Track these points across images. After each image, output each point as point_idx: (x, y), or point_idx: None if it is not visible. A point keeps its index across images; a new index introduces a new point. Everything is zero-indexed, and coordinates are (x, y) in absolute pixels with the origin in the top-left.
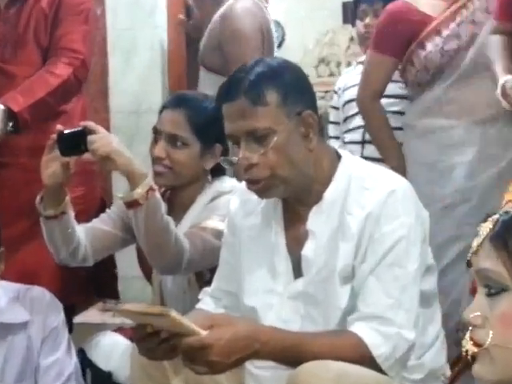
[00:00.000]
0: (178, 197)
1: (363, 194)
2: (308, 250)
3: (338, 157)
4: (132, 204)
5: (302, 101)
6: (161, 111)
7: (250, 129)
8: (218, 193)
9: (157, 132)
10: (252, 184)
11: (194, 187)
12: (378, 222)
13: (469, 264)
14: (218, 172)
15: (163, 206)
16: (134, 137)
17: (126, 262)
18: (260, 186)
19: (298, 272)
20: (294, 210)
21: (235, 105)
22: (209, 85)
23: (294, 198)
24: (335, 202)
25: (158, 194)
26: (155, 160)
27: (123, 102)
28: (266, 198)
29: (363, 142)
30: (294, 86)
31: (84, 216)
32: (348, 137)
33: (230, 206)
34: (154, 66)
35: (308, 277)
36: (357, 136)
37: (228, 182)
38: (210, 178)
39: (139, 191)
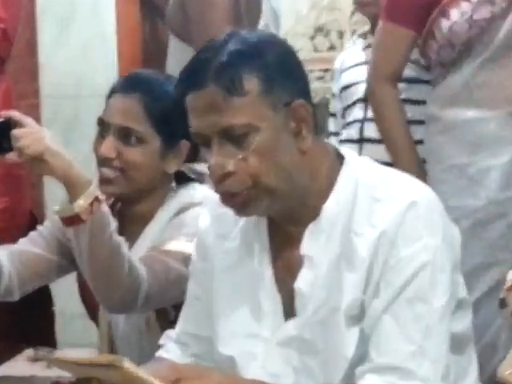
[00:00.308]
0: (133, 210)
1: (374, 207)
2: (303, 282)
3: (340, 158)
4: (72, 220)
5: (292, 87)
6: (108, 97)
7: (224, 126)
8: (185, 204)
9: (103, 125)
10: (228, 198)
11: (154, 197)
12: (394, 245)
13: (502, 303)
14: (184, 177)
15: (113, 223)
16: (72, 130)
17: (64, 296)
18: (239, 201)
19: (289, 311)
20: (284, 230)
21: (203, 95)
22: (179, 56)
23: (283, 215)
24: (337, 218)
25: (105, 207)
26: (102, 161)
27: (57, 84)
28: (247, 215)
29: (361, 141)
30: (281, 67)
31: (8, 235)
32: (344, 133)
33: (199, 221)
34: (98, 37)
35: (303, 317)
36: (353, 132)
37: (198, 190)
38: (174, 184)
39: (81, 203)
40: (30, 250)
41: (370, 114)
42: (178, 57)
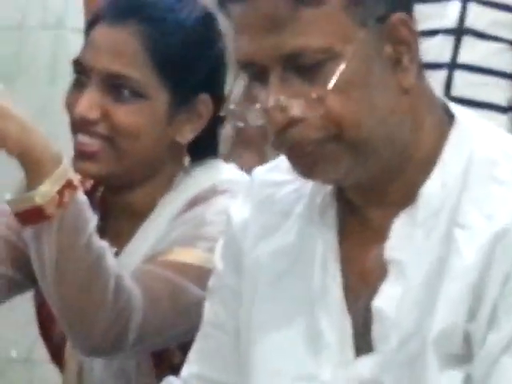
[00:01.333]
0: (123, 199)
1: (493, 190)
2: (386, 300)
3: (449, 116)
4: (31, 215)
5: None
6: (89, 29)
7: (291, 50)
8: (204, 191)
9: (82, 70)
10: (296, 152)
11: (156, 180)
12: None
13: None
14: (203, 151)
15: (93, 221)
16: (13, 77)
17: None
18: (310, 153)
19: (361, 343)
20: (361, 218)
21: (259, 2)
22: None
23: (364, 190)
24: (442, 206)
25: (82, 196)
26: (79, 125)
27: None
28: (317, 178)
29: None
30: None
31: None
32: None
33: (229, 215)
34: None
35: (384, 352)
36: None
37: (224, 171)
38: (186, 161)
39: (45, 190)
40: None
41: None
42: None
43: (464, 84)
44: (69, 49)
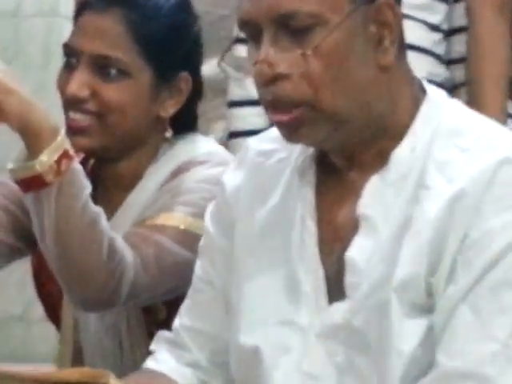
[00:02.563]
0: (112, 169)
1: (455, 156)
2: (357, 251)
3: (423, 92)
4: (31, 182)
5: None
6: (77, 15)
7: (284, 11)
8: (184, 162)
9: (71, 53)
10: (279, 111)
11: (142, 152)
12: (477, 211)
13: None
14: (184, 125)
15: (87, 187)
16: (9, 60)
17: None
18: (293, 116)
19: (335, 291)
20: (338, 178)
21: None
22: None
23: (342, 152)
24: (410, 169)
25: (77, 165)
26: (70, 103)
27: None
28: (299, 140)
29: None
30: None
31: None
32: None
33: (222, 182)
34: None
35: (355, 299)
36: None
37: (202, 143)
38: (169, 134)
39: (44, 160)
40: None
41: None
42: None
43: None
44: (61, 35)
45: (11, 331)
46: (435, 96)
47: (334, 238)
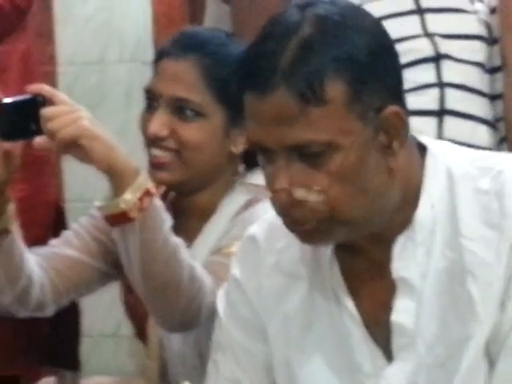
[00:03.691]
0: (190, 201)
1: (483, 202)
2: (402, 313)
3: (421, 148)
4: (117, 218)
5: (384, 87)
6: (156, 62)
7: (297, 143)
8: (256, 193)
9: (152, 96)
10: (296, 228)
11: (217, 185)
12: None
13: None
14: (254, 160)
15: (168, 220)
16: (97, 109)
17: (91, 312)
18: (309, 228)
19: (385, 355)
20: (360, 250)
21: (270, 101)
22: (216, 14)
23: (361, 238)
24: (435, 223)
25: (158, 201)
26: (152, 141)
27: (79, 46)
28: (316, 245)
29: (442, 113)
30: (373, 61)
31: (29, 231)
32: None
33: (236, 279)
34: None
35: (412, 359)
36: (428, 101)
37: None
38: (241, 168)
39: (128, 198)
40: (66, 254)
41: (448, 76)
42: (215, 15)
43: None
44: (141, 79)
45: (103, 347)
46: (433, 147)
47: (374, 307)
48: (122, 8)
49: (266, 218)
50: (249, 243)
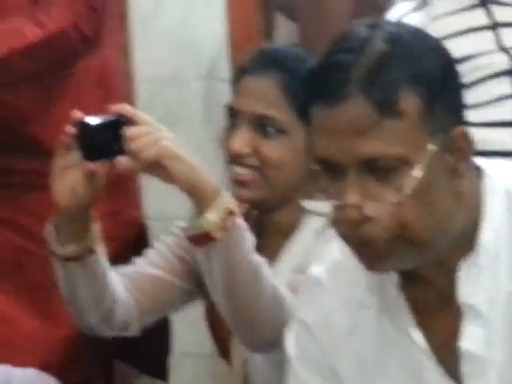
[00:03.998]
0: (272, 219)
1: None
2: (470, 340)
3: (478, 170)
4: (201, 239)
5: (452, 108)
6: (237, 79)
7: (370, 155)
8: None
9: (234, 114)
10: (363, 247)
11: (298, 202)
12: None
13: None
14: None
15: (251, 240)
16: (176, 126)
17: (173, 329)
18: (377, 251)
19: (454, 381)
20: (425, 280)
21: (345, 109)
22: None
23: (425, 263)
24: (498, 246)
25: (241, 221)
26: (234, 159)
27: (156, 63)
28: (383, 270)
29: None
30: (443, 80)
31: (113, 249)
32: (480, 114)
33: (304, 321)
34: (204, 1)
35: None
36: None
37: None
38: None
39: (211, 218)
40: (150, 273)
41: None
42: (286, 33)
43: None
44: (218, 96)
45: (185, 366)
46: (489, 168)
47: (442, 335)
48: (199, 25)
49: (327, 259)
50: (313, 285)
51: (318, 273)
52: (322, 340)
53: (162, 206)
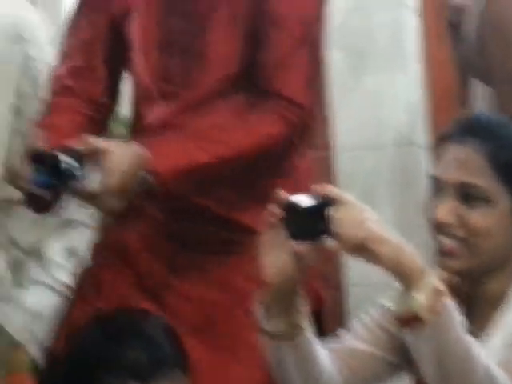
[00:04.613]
0: (479, 289)
1: None
2: None
3: None
4: (408, 320)
5: None
6: (438, 147)
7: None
8: None
9: (438, 182)
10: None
11: (506, 271)
12: None
13: None
14: None
15: (460, 319)
16: (374, 193)
17: None
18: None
19: None
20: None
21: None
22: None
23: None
24: None
25: (449, 300)
26: (440, 229)
27: (353, 132)
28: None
29: None
30: None
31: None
32: None
33: None
34: (401, 69)
35: None
36: None
37: None
38: None
39: (420, 299)
40: (358, 349)
41: None
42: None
43: None
44: (417, 163)
45: None
46: None
47: None
48: (395, 91)
49: None
50: None
51: None
52: None
53: (365, 271)
